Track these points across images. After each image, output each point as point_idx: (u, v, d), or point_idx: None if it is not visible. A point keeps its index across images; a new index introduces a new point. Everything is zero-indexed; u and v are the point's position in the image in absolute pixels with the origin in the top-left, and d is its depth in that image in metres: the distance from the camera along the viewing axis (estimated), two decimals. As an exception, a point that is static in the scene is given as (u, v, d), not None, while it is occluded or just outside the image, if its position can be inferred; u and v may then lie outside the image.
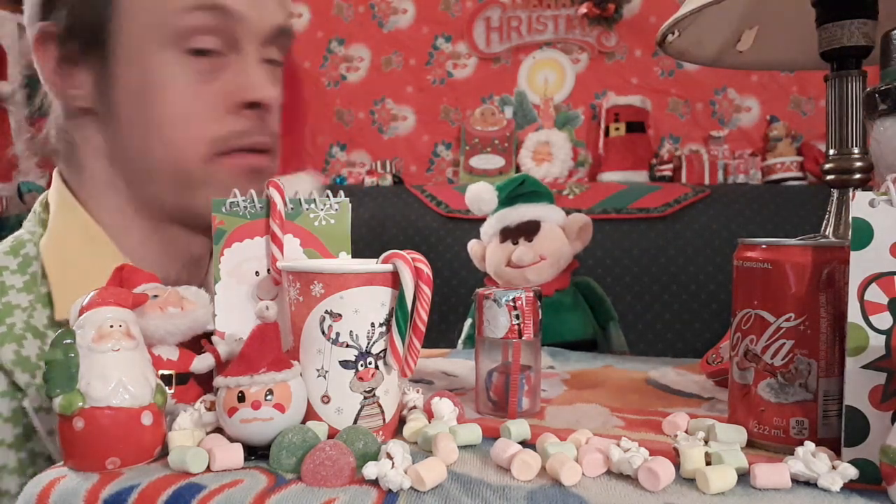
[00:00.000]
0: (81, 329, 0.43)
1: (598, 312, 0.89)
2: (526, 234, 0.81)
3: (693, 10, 0.67)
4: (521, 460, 0.41)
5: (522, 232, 0.82)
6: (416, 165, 2.36)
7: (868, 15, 0.65)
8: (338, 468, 0.40)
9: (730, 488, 0.39)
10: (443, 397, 0.52)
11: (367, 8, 2.36)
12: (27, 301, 0.62)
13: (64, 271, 0.64)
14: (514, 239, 0.81)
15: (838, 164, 0.67)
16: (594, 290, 0.90)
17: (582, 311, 0.87)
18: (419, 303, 0.47)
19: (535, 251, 0.80)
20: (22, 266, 0.64)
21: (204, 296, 0.52)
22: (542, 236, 0.81)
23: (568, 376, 0.69)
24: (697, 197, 1.86)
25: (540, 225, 0.82)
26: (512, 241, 0.81)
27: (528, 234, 0.81)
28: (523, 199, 0.84)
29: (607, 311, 0.90)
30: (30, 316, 0.61)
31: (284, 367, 0.44)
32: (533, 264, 0.80)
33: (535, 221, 0.82)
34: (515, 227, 0.82)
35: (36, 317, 0.61)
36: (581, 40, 2.25)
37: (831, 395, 0.45)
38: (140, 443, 0.42)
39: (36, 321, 0.61)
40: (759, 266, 0.46)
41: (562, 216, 0.85)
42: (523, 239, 0.81)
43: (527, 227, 0.82)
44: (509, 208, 0.83)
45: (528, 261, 0.79)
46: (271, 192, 0.54)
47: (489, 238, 0.84)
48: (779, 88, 2.17)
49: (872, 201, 0.40)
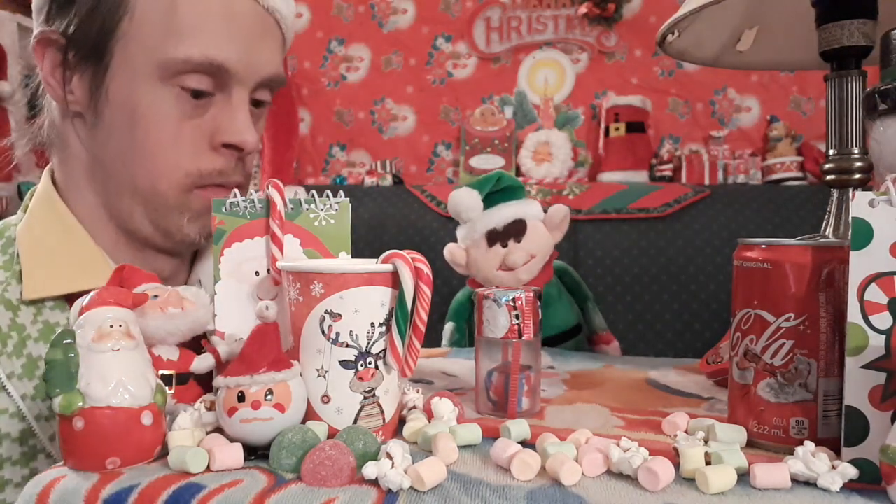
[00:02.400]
0: (81, 329, 0.43)
1: (577, 295, 0.90)
2: (515, 235, 0.80)
3: (693, 10, 0.67)
4: (520, 460, 0.41)
5: (511, 233, 0.80)
6: (416, 165, 2.36)
7: (868, 15, 0.65)
8: (338, 468, 0.40)
9: (730, 488, 0.39)
10: (443, 397, 0.52)
11: (367, 8, 2.36)
12: (3, 276, 0.66)
13: (34, 253, 0.67)
14: (503, 241, 0.80)
15: (838, 164, 0.67)
16: (571, 274, 0.90)
17: (566, 299, 0.87)
18: (419, 303, 0.47)
19: (526, 251, 0.79)
20: (4, 247, 0.68)
21: (204, 296, 0.52)
22: (530, 235, 0.80)
23: (568, 376, 0.69)
24: (697, 197, 1.86)
25: (526, 223, 0.81)
26: (501, 244, 0.80)
27: (517, 234, 0.80)
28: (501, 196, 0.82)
29: (584, 292, 0.90)
30: (4, 290, 0.65)
31: (284, 367, 0.44)
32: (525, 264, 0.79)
33: (522, 220, 0.81)
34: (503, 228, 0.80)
35: (10, 291, 0.65)
36: (581, 40, 2.25)
37: (831, 395, 0.45)
38: (140, 443, 0.42)
39: (10, 295, 0.65)
40: (759, 266, 0.46)
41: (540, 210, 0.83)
42: (512, 240, 0.80)
43: (515, 227, 0.80)
44: (491, 209, 0.82)
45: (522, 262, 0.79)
46: (271, 192, 0.54)
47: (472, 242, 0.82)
48: (779, 88, 2.17)
49: (872, 201, 0.40)
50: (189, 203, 0.69)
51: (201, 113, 0.68)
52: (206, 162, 0.68)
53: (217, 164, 0.69)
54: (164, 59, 0.64)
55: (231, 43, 0.66)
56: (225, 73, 0.66)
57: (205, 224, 0.68)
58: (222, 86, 0.67)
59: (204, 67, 0.65)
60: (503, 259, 0.79)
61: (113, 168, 0.69)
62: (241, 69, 0.67)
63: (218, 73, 0.66)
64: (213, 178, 0.69)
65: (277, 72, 0.72)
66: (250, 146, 0.69)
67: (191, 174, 0.68)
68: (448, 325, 0.90)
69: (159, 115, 0.66)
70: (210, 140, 0.68)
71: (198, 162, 0.68)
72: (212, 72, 0.66)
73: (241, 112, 0.68)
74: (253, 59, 0.68)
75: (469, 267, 0.82)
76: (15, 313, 0.64)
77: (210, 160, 0.68)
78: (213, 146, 0.68)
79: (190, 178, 0.68)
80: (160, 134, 0.66)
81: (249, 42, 0.68)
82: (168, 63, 0.65)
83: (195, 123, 0.67)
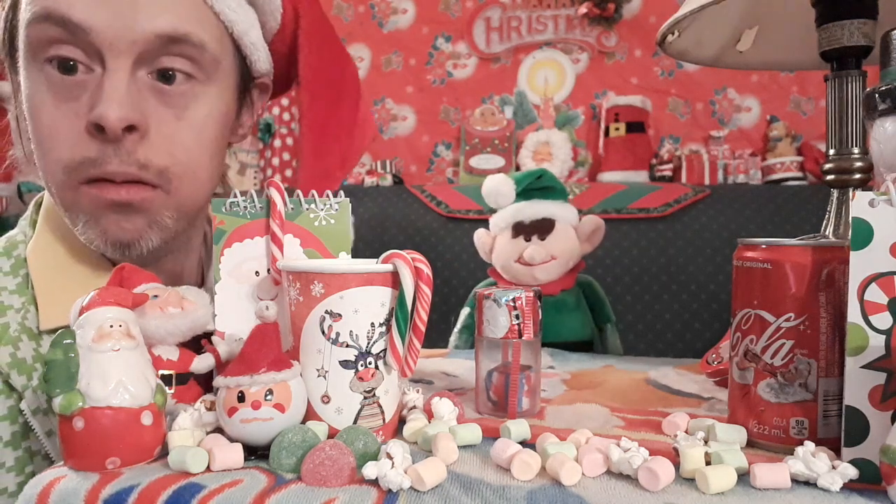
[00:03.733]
0: (81, 329, 0.43)
1: (598, 313, 0.89)
2: (539, 232, 0.81)
3: (693, 10, 0.67)
4: (520, 460, 0.41)
5: (536, 229, 0.81)
6: (416, 165, 2.36)
7: (868, 15, 0.65)
8: (338, 468, 0.40)
9: (730, 488, 0.39)
10: (443, 397, 0.52)
11: (367, 8, 2.36)
12: (20, 303, 0.61)
13: (48, 278, 0.62)
14: (527, 236, 0.81)
15: (838, 164, 0.67)
16: (596, 291, 0.90)
17: (583, 312, 0.87)
18: (419, 303, 0.47)
19: (546, 250, 0.80)
20: (14, 268, 0.63)
21: (204, 296, 0.52)
22: (556, 236, 0.81)
23: (568, 376, 0.69)
24: (697, 197, 1.86)
25: (554, 224, 0.81)
26: (524, 238, 0.81)
27: (542, 232, 0.81)
28: (539, 193, 0.83)
29: (607, 313, 0.90)
30: (23, 318, 0.60)
31: (284, 367, 0.44)
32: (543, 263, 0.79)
33: (550, 220, 0.82)
34: (530, 223, 0.81)
35: (30, 319, 0.60)
36: (581, 40, 2.25)
37: (831, 395, 0.45)
38: (140, 443, 0.42)
39: (30, 323, 0.60)
40: (759, 266, 0.46)
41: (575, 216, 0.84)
42: (536, 237, 0.81)
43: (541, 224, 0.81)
44: (525, 202, 0.83)
45: (540, 260, 0.79)
46: (271, 192, 0.54)
47: (500, 230, 0.83)
48: (779, 88, 2.17)
49: (872, 201, 0.40)
50: (79, 204, 0.59)
51: (78, 94, 0.57)
52: (77, 150, 0.57)
53: (87, 152, 0.57)
54: (24, 29, 0.57)
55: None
56: (81, 33, 0.55)
57: (105, 228, 0.60)
58: (97, 58, 0.57)
59: (55, 29, 0.55)
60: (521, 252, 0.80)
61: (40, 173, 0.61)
62: (101, 25, 0.55)
63: (73, 33, 0.55)
64: (87, 170, 0.58)
65: (173, 30, 0.58)
66: (111, 122, 0.55)
67: (67, 167, 0.58)
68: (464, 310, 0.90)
69: (37, 100, 0.58)
70: (83, 124, 0.57)
71: (71, 152, 0.58)
72: (66, 34, 0.56)
73: (109, 83, 0.56)
74: (121, 15, 0.56)
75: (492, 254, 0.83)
76: (38, 343, 0.60)
77: (80, 147, 0.57)
78: (89, 130, 0.57)
79: (68, 173, 0.58)
80: (42, 121, 0.58)
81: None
82: (27, 32, 0.56)
83: (71, 108, 0.57)
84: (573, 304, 0.85)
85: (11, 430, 0.58)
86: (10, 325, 0.59)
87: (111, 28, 0.56)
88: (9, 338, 0.59)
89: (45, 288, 0.62)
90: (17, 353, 0.58)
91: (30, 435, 0.59)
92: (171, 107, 0.60)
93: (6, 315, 0.60)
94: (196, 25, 0.60)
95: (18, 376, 0.58)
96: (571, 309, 0.85)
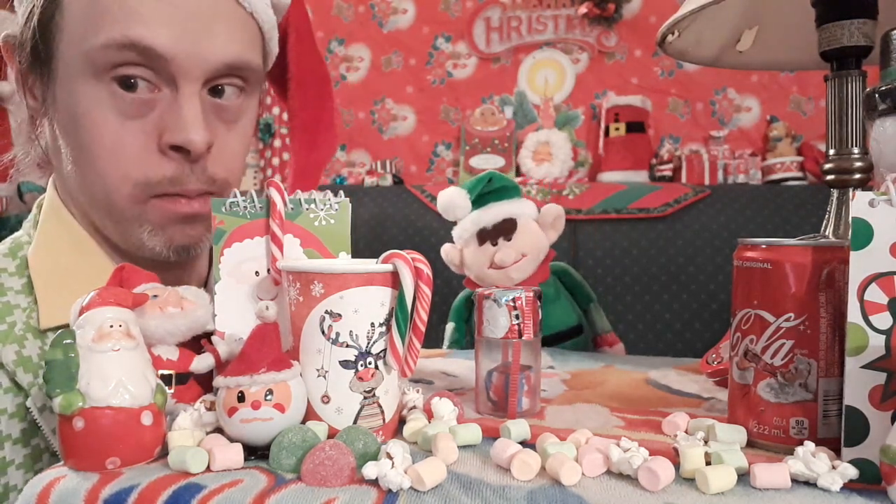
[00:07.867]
0: (81, 329, 0.43)
1: (579, 296, 0.90)
2: (504, 234, 0.81)
3: (693, 10, 0.67)
4: (520, 460, 0.41)
5: (501, 232, 0.81)
6: (416, 165, 2.36)
7: (868, 15, 0.65)
8: (338, 468, 0.40)
9: (730, 488, 0.39)
10: (443, 397, 0.52)
11: (367, 8, 2.36)
12: (26, 302, 0.62)
13: (49, 280, 0.63)
14: (493, 240, 0.81)
15: (838, 164, 0.67)
16: (572, 275, 0.90)
17: (565, 299, 0.87)
18: (419, 303, 0.47)
19: (516, 249, 0.80)
20: (20, 268, 0.64)
21: (204, 296, 0.52)
22: (521, 233, 0.81)
23: (568, 376, 0.69)
24: (697, 197, 1.86)
25: (516, 222, 0.81)
26: (491, 243, 0.80)
27: (507, 232, 0.81)
28: (494, 196, 0.83)
29: (587, 293, 0.90)
30: (29, 317, 0.61)
31: (284, 367, 0.44)
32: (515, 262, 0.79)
33: (512, 219, 0.81)
34: (493, 227, 0.81)
35: (35, 318, 0.61)
36: (581, 40, 2.25)
37: (831, 395, 0.45)
38: (140, 443, 0.42)
39: (35, 322, 0.61)
40: (759, 266, 0.46)
41: (534, 209, 0.84)
42: (502, 239, 0.81)
43: (504, 226, 0.81)
44: (482, 209, 0.82)
45: (511, 260, 0.79)
46: (271, 192, 0.54)
47: (465, 241, 0.83)
48: (779, 88, 2.17)
49: (872, 201, 0.40)
50: (146, 215, 0.62)
51: (145, 112, 0.60)
52: (154, 169, 0.61)
53: (167, 171, 0.61)
54: (90, 49, 0.58)
55: (164, 25, 0.58)
56: (160, 60, 0.58)
57: (171, 237, 0.63)
58: (166, 79, 0.60)
59: (132, 55, 0.57)
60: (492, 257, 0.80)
61: (74, 181, 0.64)
62: (182, 55, 0.58)
63: (151, 59, 0.58)
64: (164, 188, 0.61)
65: (238, 58, 0.62)
66: (197, 146, 0.60)
67: (139, 183, 0.61)
68: (448, 325, 0.90)
69: (97, 117, 0.59)
70: (157, 143, 0.60)
71: (145, 169, 0.60)
72: (144, 59, 0.58)
73: (188, 107, 0.60)
74: (199, 45, 0.59)
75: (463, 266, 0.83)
76: (42, 341, 0.60)
77: (158, 167, 0.61)
78: (161, 149, 0.60)
79: (139, 189, 0.61)
80: (101, 139, 0.60)
81: (192, 25, 0.59)
82: (93, 53, 0.58)
83: (138, 126, 0.60)
84: (553, 294, 0.85)
85: (20, 428, 0.58)
86: (17, 323, 0.60)
87: (190, 58, 0.59)
88: (14, 336, 0.59)
89: (45, 287, 0.63)
90: (22, 352, 0.59)
91: (38, 432, 0.59)
92: (224, 120, 0.65)
93: (13, 314, 0.61)
94: (252, 51, 0.65)
95: (24, 374, 0.58)
96: (553, 299, 0.85)
